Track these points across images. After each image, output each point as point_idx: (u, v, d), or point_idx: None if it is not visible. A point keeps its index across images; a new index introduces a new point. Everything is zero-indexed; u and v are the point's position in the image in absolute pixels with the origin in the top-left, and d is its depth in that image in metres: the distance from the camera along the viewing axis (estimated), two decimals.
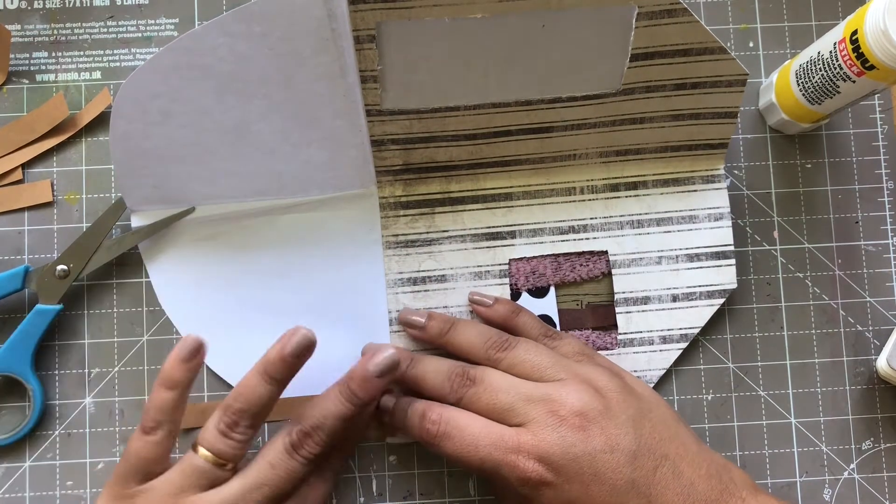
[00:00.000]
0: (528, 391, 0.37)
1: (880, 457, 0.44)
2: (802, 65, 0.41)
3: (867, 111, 0.46)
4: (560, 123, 0.42)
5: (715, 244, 0.43)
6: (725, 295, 0.43)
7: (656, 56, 0.39)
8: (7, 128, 0.44)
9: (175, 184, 0.41)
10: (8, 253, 0.43)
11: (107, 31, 0.45)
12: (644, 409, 0.37)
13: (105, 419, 0.43)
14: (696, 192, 0.44)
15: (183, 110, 0.39)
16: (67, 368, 0.43)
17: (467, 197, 0.44)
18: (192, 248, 0.43)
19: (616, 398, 0.37)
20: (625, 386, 0.38)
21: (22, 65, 0.45)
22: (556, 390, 0.36)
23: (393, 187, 0.44)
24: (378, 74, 0.38)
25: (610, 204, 0.44)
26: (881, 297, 0.45)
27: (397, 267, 0.43)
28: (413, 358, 0.40)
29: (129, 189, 0.41)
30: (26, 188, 0.44)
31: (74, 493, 0.42)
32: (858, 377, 0.44)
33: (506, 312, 0.41)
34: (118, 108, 0.39)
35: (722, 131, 0.43)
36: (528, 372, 0.38)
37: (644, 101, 0.41)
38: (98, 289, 0.43)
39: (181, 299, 0.43)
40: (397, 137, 0.41)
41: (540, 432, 0.36)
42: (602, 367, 0.38)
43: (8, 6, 0.45)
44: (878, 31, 0.36)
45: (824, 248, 0.45)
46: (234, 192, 0.42)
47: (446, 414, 0.37)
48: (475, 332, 0.40)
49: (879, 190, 0.46)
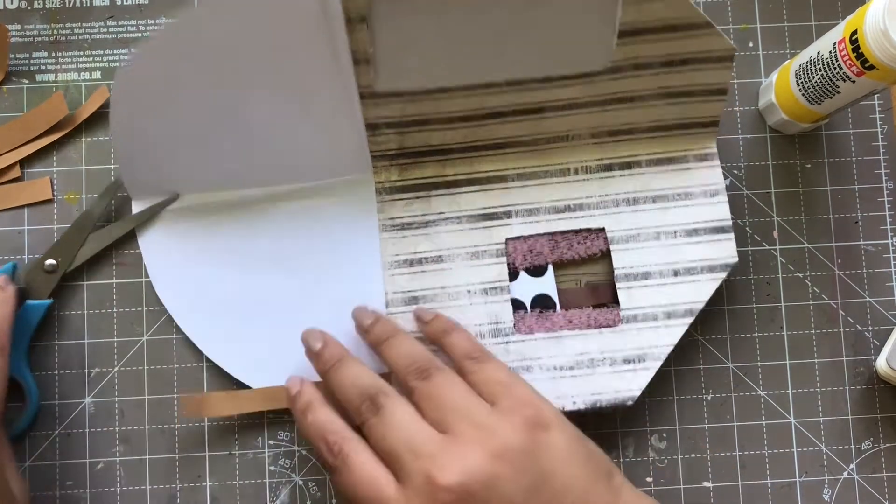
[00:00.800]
0: (419, 441, 0.34)
1: (880, 457, 0.44)
2: (802, 65, 0.41)
3: (867, 111, 0.46)
4: (552, 104, 0.42)
5: (713, 219, 0.43)
6: (727, 269, 0.42)
7: (644, 32, 0.39)
8: (6, 126, 0.44)
9: (174, 171, 0.41)
10: (8, 252, 0.43)
11: (107, 31, 0.45)
12: (546, 475, 0.33)
13: (105, 419, 0.43)
14: (690, 169, 0.44)
15: (180, 96, 0.39)
16: (67, 368, 0.43)
17: (462, 180, 0.44)
18: (188, 234, 0.43)
19: (512, 462, 0.33)
20: (530, 441, 0.34)
21: (22, 65, 0.45)
22: (443, 450, 0.33)
23: (388, 172, 0.44)
24: (370, 56, 0.39)
25: (605, 183, 0.44)
26: (881, 297, 0.45)
27: (393, 249, 0.43)
28: (342, 358, 0.38)
29: (129, 176, 0.42)
30: (26, 186, 0.44)
31: (74, 493, 0.42)
32: (858, 377, 0.44)
33: (438, 331, 0.40)
34: (118, 89, 0.39)
35: (712, 109, 0.43)
36: (432, 411, 0.35)
37: (633, 80, 0.41)
38: (98, 289, 0.43)
39: (177, 286, 0.43)
40: (391, 121, 0.42)
41: (412, 500, 0.33)
42: (514, 414, 0.34)
43: (8, 6, 0.45)
44: (877, 31, 0.36)
45: (824, 248, 0.45)
46: (232, 178, 0.42)
47: (345, 447, 0.35)
48: (404, 350, 0.38)
49: (879, 190, 0.46)
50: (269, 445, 0.43)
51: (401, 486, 0.33)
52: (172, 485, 0.42)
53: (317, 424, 0.36)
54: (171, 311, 0.43)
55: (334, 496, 0.43)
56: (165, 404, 0.43)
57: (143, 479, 0.42)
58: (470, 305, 0.43)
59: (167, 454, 0.43)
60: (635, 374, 0.41)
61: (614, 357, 0.42)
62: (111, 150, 0.44)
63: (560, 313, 0.43)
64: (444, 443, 0.34)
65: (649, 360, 0.41)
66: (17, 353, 0.41)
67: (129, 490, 0.42)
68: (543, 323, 0.43)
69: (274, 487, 0.43)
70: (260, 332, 0.42)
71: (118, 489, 0.42)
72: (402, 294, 0.43)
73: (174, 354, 0.43)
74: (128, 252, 0.44)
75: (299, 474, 0.43)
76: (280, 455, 0.43)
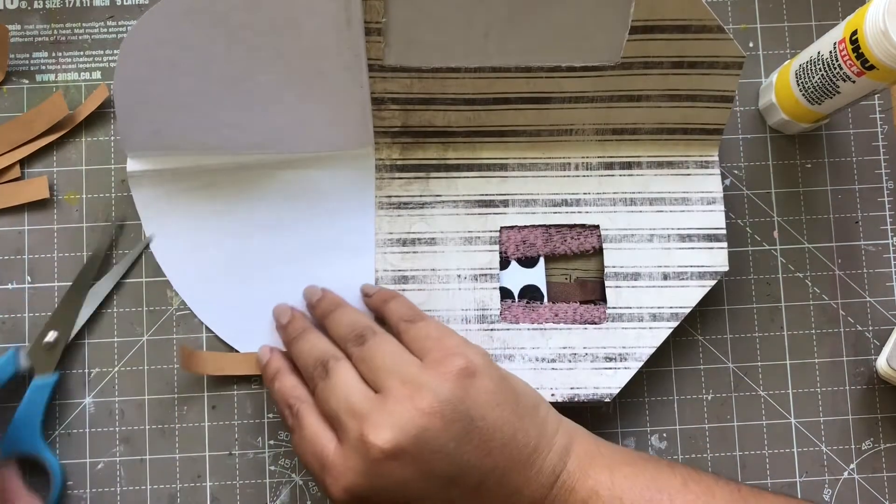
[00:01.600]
0: (355, 402, 0.35)
1: (880, 457, 0.44)
2: (802, 65, 0.41)
3: (867, 111, 0.46)
4: (558, 95, 0.42)
5: (707, 226, 0.43)
6: (716, 277, 0.43)
7: (655, 30, 0.40)
8: (6, 126, 0.44)
9: (176, 131, 0.41)
10: (8, 252, 0.43)
11: (107, 31, 0.45)
12: (475, 420, 0.34)
13: (105, 419, 0.43)
14: (690, 175, 0.44)
15: (190, 58, 0.39)
16: (67, 368, 0.43)
17: (463, 164, 0.44)
18: (188, 196, 0.43)
19: (441, 414, 0.34)
20: (459, 390, 0.34)
21: (22, 65, 0.45)
22: (375, 408, 0.34)
23: (390, 150, 0.44)
24: (382, 27, 0.39)
25: (604, 181, 0.44)
26: (881, 297, 0.45)
27: (388, 227, 0.43)
28: (304, 330, 0.40)
29: (128, 132, 0.41)
30: (24, 185, 0.44)
31: (75, 493, 0.42)
32: (858, 377, 0.44)
33: (380, 301, 0.41)
34: (125, 51, 0.38)
35: (717, 116, 0.43)
36: (368, 373, 0.36)
37: (642, 78, 0.41)
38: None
39: (175, 248, 0.43)
40: (397, 97, 0.42)
41: (349, 458, 0.34)
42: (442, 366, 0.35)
43: (8, 6, 0.45)
44: (877, 31, 0.36)
45: (824, 247, 0.45)
46: (233, 143, 0.42)
47: (301, 409, 0.37)
48: (346, 320, 0.39)
49: (879, 190, 0.46)
50: (270, 445, 0.43)
51: (339, 445, 0.35)
52: (172, 485, 0.42)
53: (282, 390, 0.38)
54: (166, 270, 0.43)
55: None
56: (165, 404, 0.43)
57: (143, 479, 0.42)
58: (458, 290, 0.43)
59: (167, 454, 0.43)
60: (615, 372, 0.42)
61: (596, 354, 0.42)
62: (111, 150, 0.44)
63: (547, 306, 0.43)
64: (377, 402, 0.35)
65: (630, 360, 0.42)
66: (31, 433, 0.41)
67: (129, 490, 0.42)
68: (530, 314, 0.43)
69: (274, 487, 0.43)
70: (251, 298, 0.42)
71: (118, 489, 0.42)
72: (392, 272, 0.43)
73: (174, 354, 0.43)
74: (128, 252, 0.44)
75: (299, 474, 0.43)
76: (280, 455, 0.43)
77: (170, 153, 0.42)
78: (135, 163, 0.42)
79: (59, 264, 0.43)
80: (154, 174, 0.43)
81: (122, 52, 0.38)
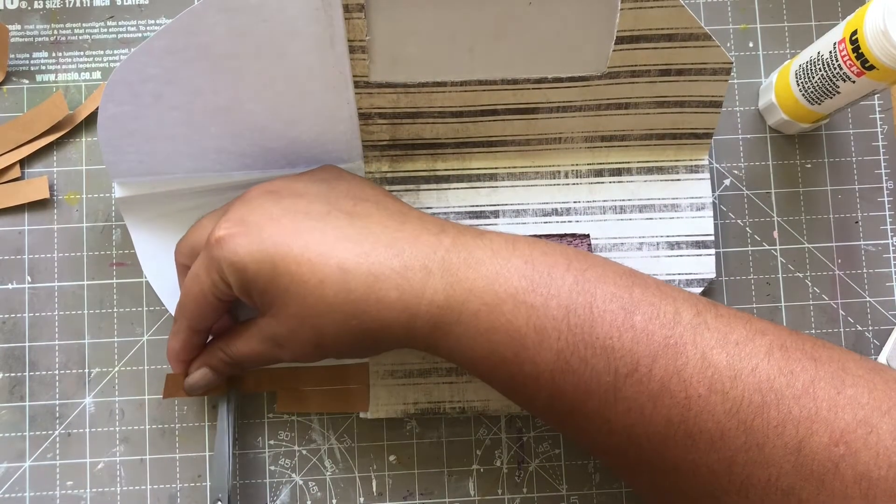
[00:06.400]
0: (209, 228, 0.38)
1: None
2: (802, 65, 0.41)
3: (867, 111, 0.46)
4: (546, 105, 0.42)
5: (696, 233, 0.43)
6: (703, 284, 0.43)
7: (641, 40, 0.39)
8: (6, 126, 0.44)
9: (162, 158, 0.41)
10: (8, 253, 0.44)
11: (107, 32, 0.45)
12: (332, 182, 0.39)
13: (105, 419, 0.43)
14: (680, 181, 0.44)
15: (175, 92, 0.39)
16: (67, 368, 0.43)
17: (452, 176, 0.44)
18: (176, 218, 0.43)
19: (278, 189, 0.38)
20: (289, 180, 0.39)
21: (22, 65, 0.45)
22: (219, 219, 0.37)
23: (379, 163, 0.44)
24: (366, 45, 0.39)
25: (594, 189, 0.44)
26: (881, 297, 0.45)
27: None
28: None
29: (113, 163, 0.41)
30: (24, 185, 0.44)
31: (74, 493, 0.42)
32: None
33: None
34: (109, 92, 0.38)
35: (707, 121, 0.43)
36: None
37: (629, 86, 0.41)
38: (98, 289, 0.43)
39: (164, 269, 0.43)
40: (384, 111, 0.42)
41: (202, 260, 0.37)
42: None
43: (8, 6, 0.45)
44: (877, 31, 0.36)
45: (824, 248, 0.45)
46: (221, 165, 0.42)
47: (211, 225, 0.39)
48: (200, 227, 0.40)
49: (879, 190, 0.46)
50: (270, 445, 0.43)
51: None
52: (172, 485, 0.42)
53: None
54: (157, 290, 0.43)
55: None
56: (165, 404, 0.43)
57: (143, 479, 0.42)
58: None
59: (167, 454, 0.43)
60: None
61: None
62: None
63: None
64: (219, 215, 0.38)
65: None
66: None
67: (129, 490, 0.42)
68: None
69: (274, 487, 0.43)
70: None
71: (118, 489, 0.42)
72: None
73: None
74: (128, 252, 0.44)
75: (299, 474, 0.43)
76: (280, 455, 0.43)
77: (158, 177, 0.42)
78: (122, 189, 0.42)
79: (59, 264, 0.43)
80: (144, 198, 0.42)
81: (105, 92, 0.38)
